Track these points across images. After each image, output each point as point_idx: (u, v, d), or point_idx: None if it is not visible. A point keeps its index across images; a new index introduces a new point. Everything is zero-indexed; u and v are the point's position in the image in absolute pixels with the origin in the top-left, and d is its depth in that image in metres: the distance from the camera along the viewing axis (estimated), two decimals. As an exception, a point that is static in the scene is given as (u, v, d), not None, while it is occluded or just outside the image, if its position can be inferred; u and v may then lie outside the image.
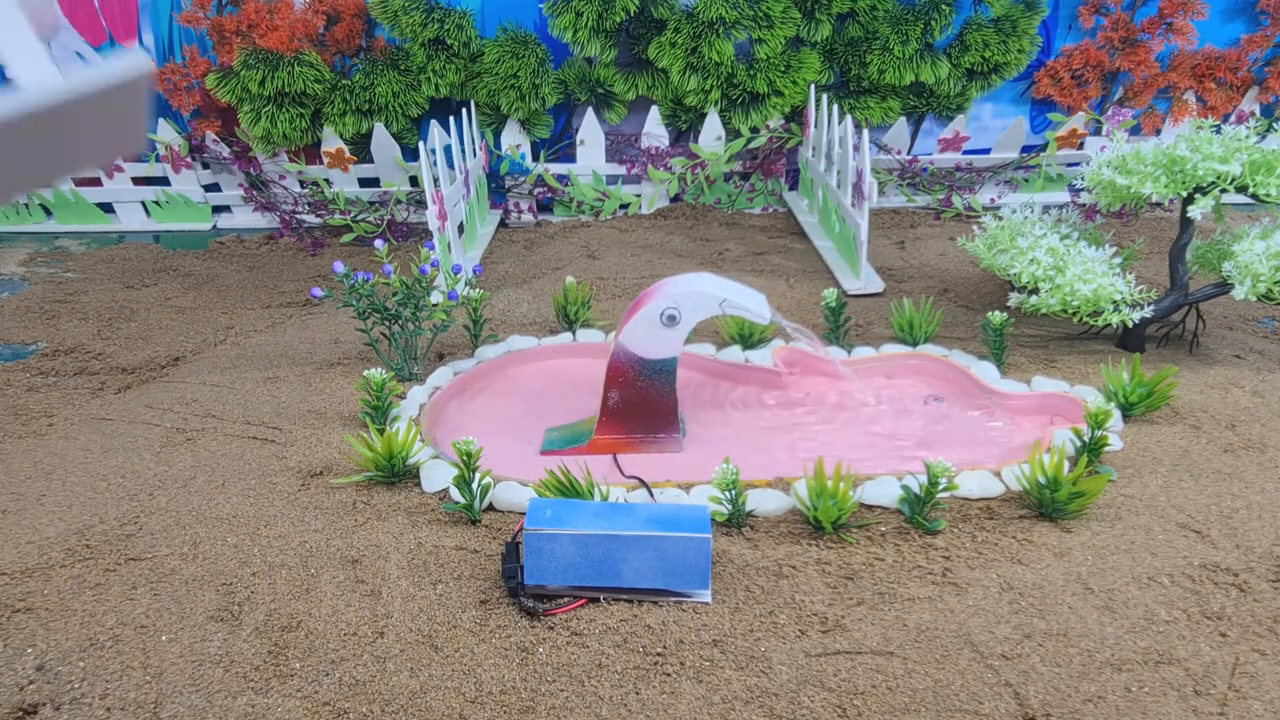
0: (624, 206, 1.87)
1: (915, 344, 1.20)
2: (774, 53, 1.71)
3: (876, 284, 1.45)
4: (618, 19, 1.67)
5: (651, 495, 0.91)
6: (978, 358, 1.16)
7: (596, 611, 0.77)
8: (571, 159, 1.87)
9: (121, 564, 0.85)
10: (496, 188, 1.86)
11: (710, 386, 1.17)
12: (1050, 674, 0.70)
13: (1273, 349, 1.21)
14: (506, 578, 0.79)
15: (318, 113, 1.76)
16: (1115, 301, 1.11)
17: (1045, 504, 0.87)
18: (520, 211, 1.87)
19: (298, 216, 1.83)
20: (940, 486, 0.84)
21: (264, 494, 0.95)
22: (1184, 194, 1.10)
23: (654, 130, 1.81)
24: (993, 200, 1.86)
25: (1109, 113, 1.81)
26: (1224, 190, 1.08)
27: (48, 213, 1.91)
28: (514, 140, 1.81)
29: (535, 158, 1.86)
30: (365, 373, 1.03)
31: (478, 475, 0.89)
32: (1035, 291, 1.15)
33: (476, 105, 1.79)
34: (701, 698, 0.69)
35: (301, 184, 1.86)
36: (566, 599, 0.78)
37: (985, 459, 0.99)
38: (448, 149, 1.67)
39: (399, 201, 1.81)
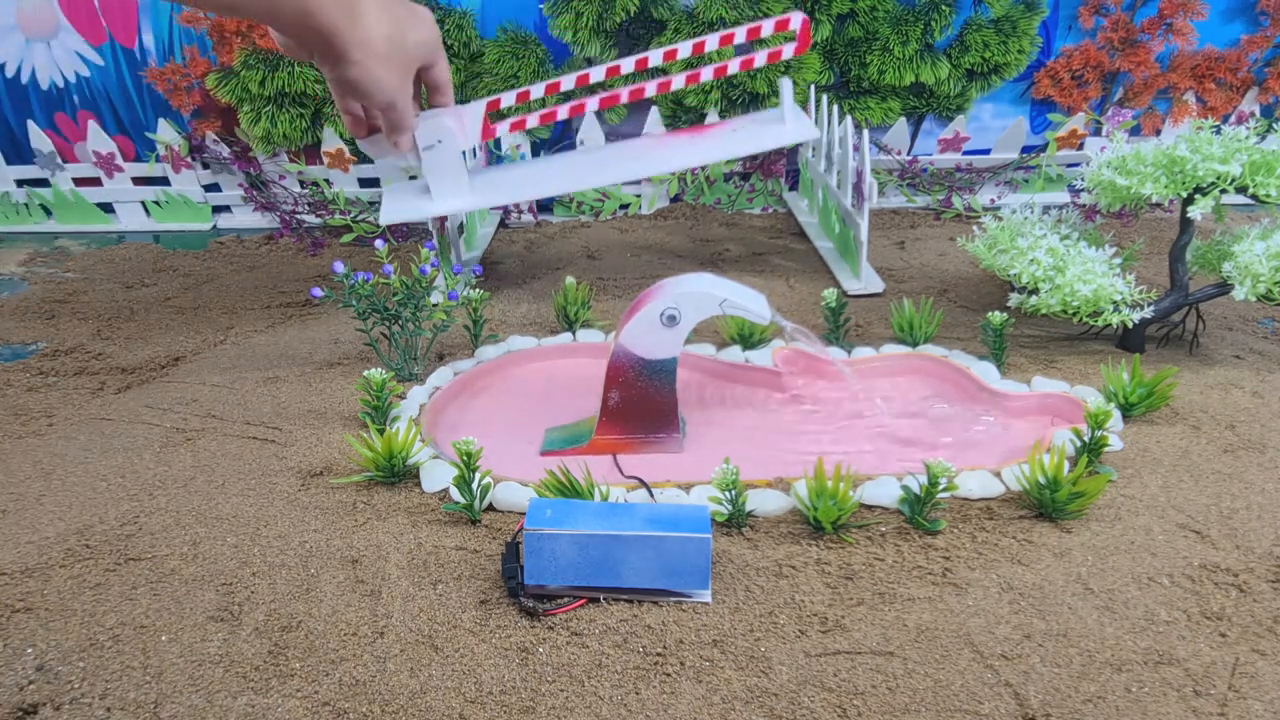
0: (624, 207, 1.87)
1: (915, 344, 1.20)
2: (774, 53, 1.71)
3: (876, 284, 1.45)
4: (618, 19, 1.67)
5: (651, 495, 0.91)
6: (978, 358, 1.16)
7: (596, 611, 0.77)
8: (571, 159, 1.86)
9: (121, 564, 0.85)
10: (496, 188, 1.85)
11: (710, 386, 1.17)
12: (1050, 674, 0.70)
13: (1273, 349, 1.21)
14: (506, 578, 0.79)
15: (318, 113, 1.76)
16: (1115, 302, 1.11)
17: (1045, 504, 0.87)
18: (520, 211, 1.87)
19: (298, 216, 1.83)
20: (940, 486, 0.84)
21: (264, 494, 0.95)
22: (1184, 194, 1.10)
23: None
24: (993, 201, 1.86)
25: (1109, 113, 1.81)
26: (1224, 191, 1.08)
27: (48, 213, 1.91)
28: (514, 141, 1.81)
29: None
30: (365, 373, 1.03)
31: (478, 475, 0.89)
32: (1035, 292, 1.15)
33: (476, 105, 1.79)
34: (701, 698, 0.69)
35: (301, 184, 1.86)
36: (566, 599, 0.78)
37: (986, 459, 0.99)
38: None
39: (399, 202, 1.81)
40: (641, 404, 1.00)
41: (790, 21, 1.11)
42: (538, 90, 1.17)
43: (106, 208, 1.91)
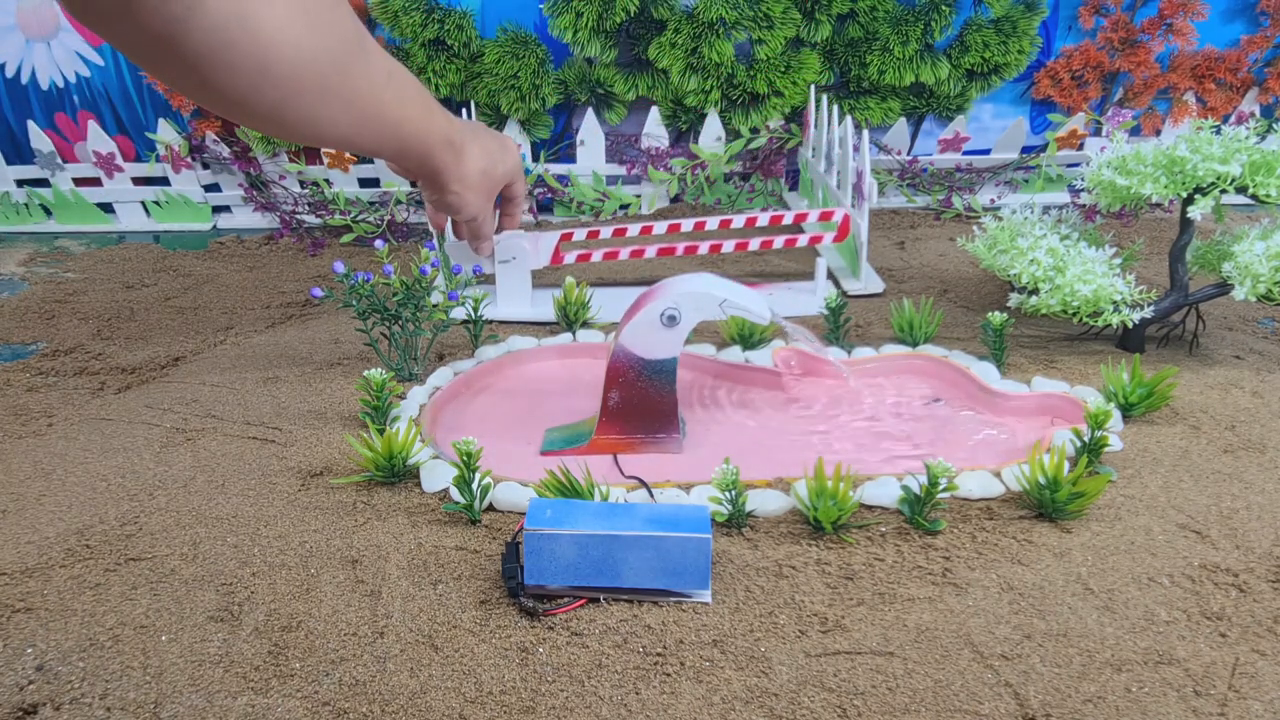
0: (624, 207, 1.87)
1: (915, 344, 1.20)
2: (774, 53, 1.71)
3: (876, 284, 1.45)
4: (618, 19, 1.67)
5: (651, 495, 0.91)
6: (978, 358, 1.16)
7: (596, 611, 0.77)
8: (571, 159, 1.87)
9: (121, 564, 0.85)
10: (496, 188, 1.85)
11: (710, 386, 1.17)
12: (1050, 674, 0.70)
13: (1273, 349, 1.21)
14: (506, 578, 0.79)
15: (318, 113, 1.76)
16: (1115, 302, 1.11)
17: (1045, 504, 0.87)
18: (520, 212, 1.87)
19: (298, 217, 1.83)
20: (940, 487, 0.84)
21: (264, 494, 0.95)
22: (1184, 195, 1.10)
23: (654, 131, 1.81)
24: (993, 201, 1.86)
25: (1109, 113, 1.81)
26: (1224, 191, 1.08)
27: (48, 213, 1.91)
28: (514, 141, 1.81)
29: (535, 158, 1.86)
30: (365, 373, 1.03)
31: (478, 475, 0.89)
32: (1035, 292, 1.15)
33: (476, 106, 1.79)
34: (701, 698, 0.69)
35: (301, 184, 1.86)
36: (566, 599, 0.78)
37: (984, 459, 0.99)
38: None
39: (399, 202, 1.81)
40: (641, 404, 1.00)
41: (834, 214, 1.41)
42: (606, 232, 1.38)
43: (106, 208, 1.91)
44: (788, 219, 1.40)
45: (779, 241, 1.36)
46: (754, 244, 1.36)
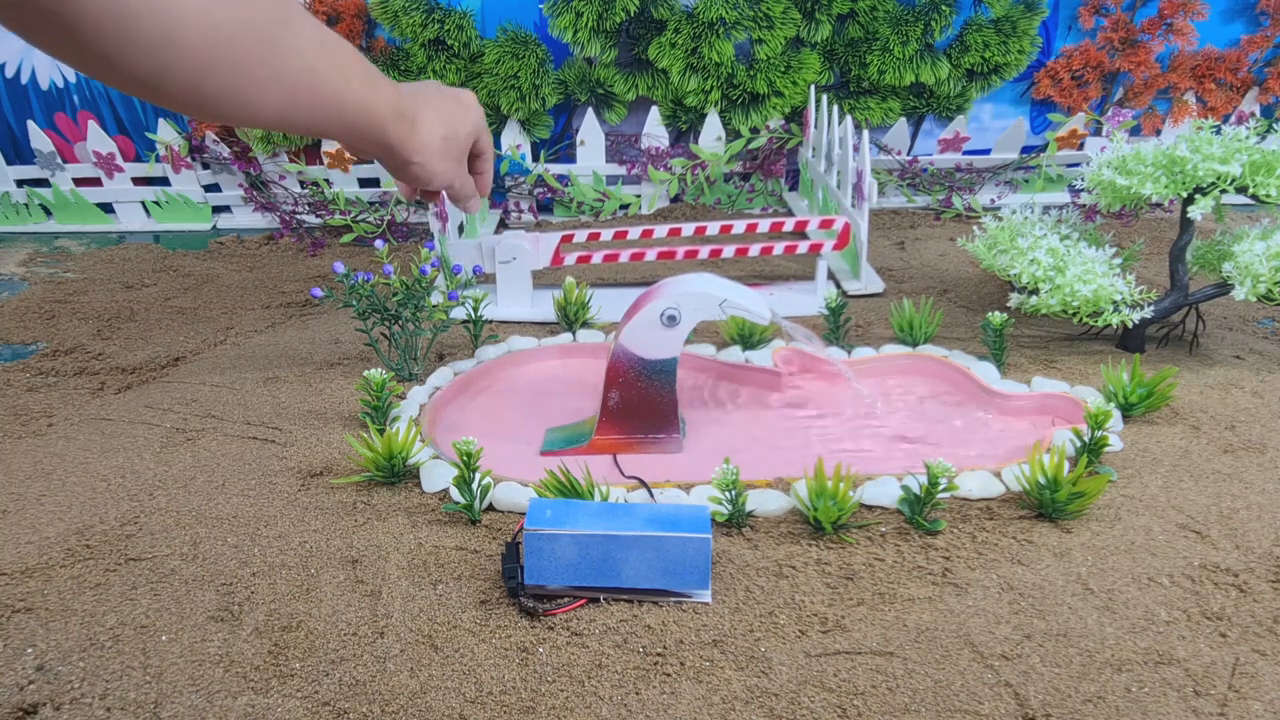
0: (624, 207, 1.87)
1: (915, 344, 1.20)
2: (774, 53, 1.71)
3: (876, 284, 1.45)
4: (618, 19, 1.67)
5: (651, 495, 0.91)
6: (978, 358, 1.15)
7: (596, 611, 0.77)
8: (571, 159, 1.87)
9: (121, 564, 0.85)
10: (496, 188, 1.86)
11: (711, 386, 1.17)
12: (1050, 674, 0.70)
13: (1273, 349, 1.21)
14: (506, 578, 0.79)
15: (318, 113, 1.76)
16: (1115, 302, 1.11)
17: (1045, 504, 0.87)
18: (520, 212, 1.87)
19: (298, 217, 1.83)
20: (940, 487, 0.84)
21: (264, 494, 0.95)
22: (1184, 195, 1.10)
23: (654, 131, 1.81)
24: (993, 201, 1.86)
25: (1109, 113, 1.81)
26: (1224, 191, 1.08)
27: (48, 213, 1.91)
28: (514, 140, 1.81)
29: (535, 158, 1.86)
30: (365, 373, 1.03)
31: (478, 475, 0.89)
32: (1035, 292, 1.15)
33: (476, 105, 1.79)
34: (701, 698, 0.69)
35: (301, 184, 1.86)
36: (566, 599, 0.78)
37: (985, 458, 0.99)
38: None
39: (399, 202, 1.81)
40: (641, 404, 1.00)
41: (835, 222, 1.39)
42: (607, 234, 1.38)
43: (106, 208, 1.91)
44: (788, 226, 1.40)
45: (779, 249, 1.36)
46: (754, 250, 1.36)
